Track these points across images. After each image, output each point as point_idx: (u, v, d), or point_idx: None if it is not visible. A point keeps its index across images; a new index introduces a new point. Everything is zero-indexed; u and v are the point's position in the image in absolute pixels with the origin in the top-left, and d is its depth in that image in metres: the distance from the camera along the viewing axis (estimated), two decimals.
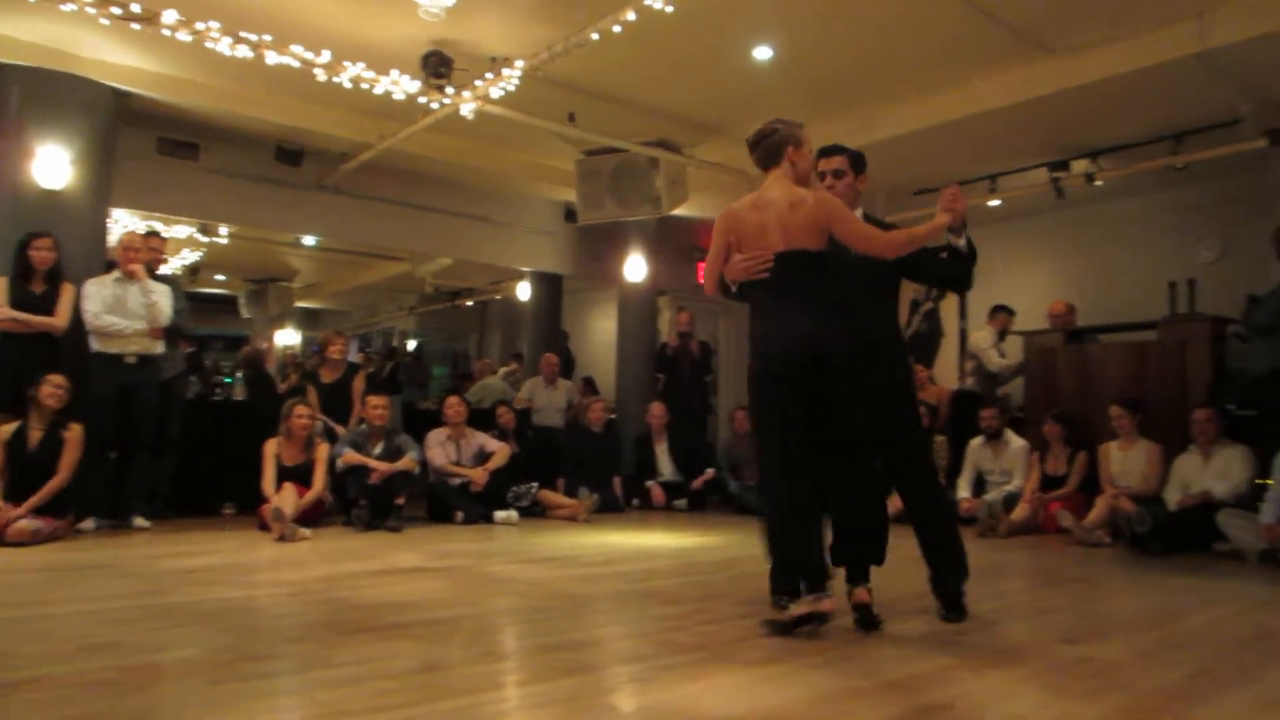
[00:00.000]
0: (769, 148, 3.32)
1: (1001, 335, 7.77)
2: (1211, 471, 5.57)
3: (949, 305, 9.68)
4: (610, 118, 6.94)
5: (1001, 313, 7.89)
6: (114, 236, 6.54)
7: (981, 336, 7.83)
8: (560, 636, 2.98)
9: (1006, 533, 6.04)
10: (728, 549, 5.44)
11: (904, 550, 5.55)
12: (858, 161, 3.54)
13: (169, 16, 5.05)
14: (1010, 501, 6.35)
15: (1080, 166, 7.22)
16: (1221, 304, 6.56)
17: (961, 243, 3.34)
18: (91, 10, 4.89)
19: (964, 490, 6.74)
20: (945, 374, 9.27)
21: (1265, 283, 5.91)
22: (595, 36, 5.23)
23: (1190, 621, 3.42)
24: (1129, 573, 4.73)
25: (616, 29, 5.13)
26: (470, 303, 14.34)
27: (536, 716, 2.13)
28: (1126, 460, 6.02)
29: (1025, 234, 8.99)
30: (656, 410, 8.28)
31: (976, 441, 6.85)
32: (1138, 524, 5.33)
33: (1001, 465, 6.70)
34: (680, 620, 3.26)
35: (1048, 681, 2.50)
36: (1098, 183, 7.19)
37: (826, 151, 3.52)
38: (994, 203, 7.99)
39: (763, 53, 5.96)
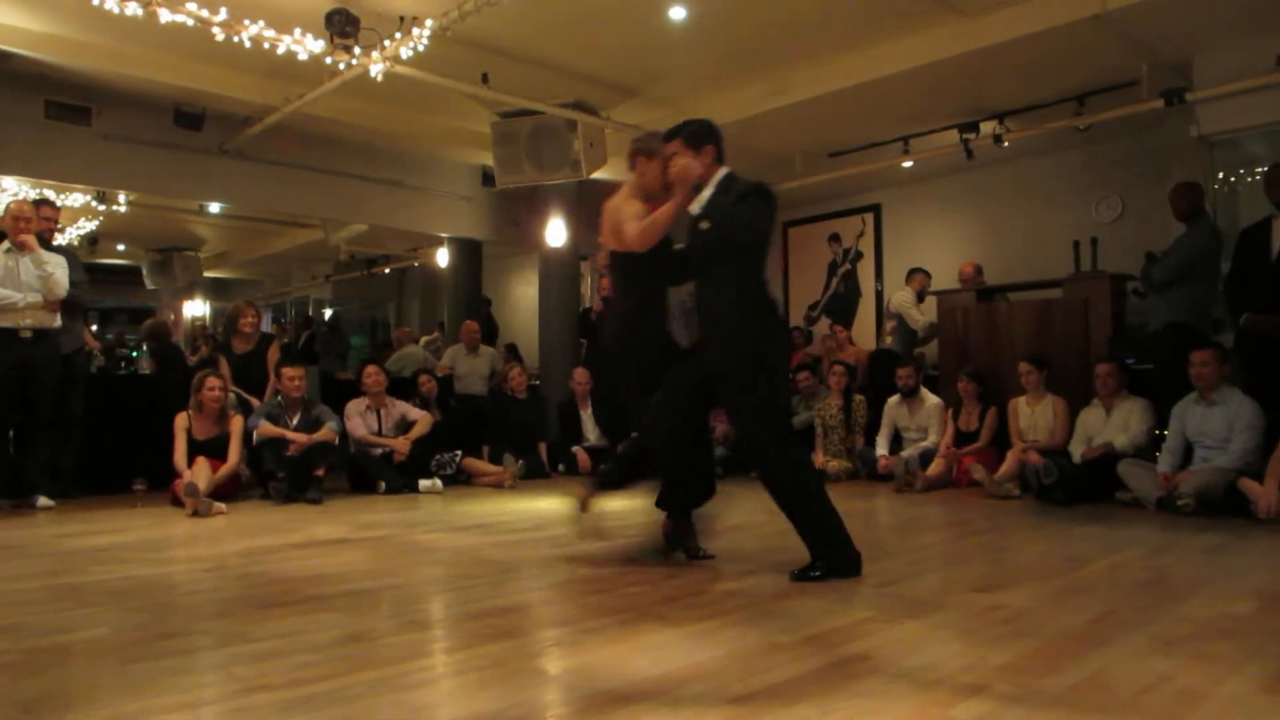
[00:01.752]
0: (628, 156, 3.67)
1: (920, 296, 7.97)
2: (1113, 424, 5.83)
3: (865, 267, 9.88)
4: (526, 79, 6.82)
5: (919, 273, 8.09)
6: (1, 205, 6.18)
7: (903, 297, 8.01)
8: (486, 603, 2.97)
9: (922, 488, 6.23)
10: (654, 512, 5.47)
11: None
12: (695, 137, 3.48)
13: None
14: (926, 458, 6.55)
15: (989, 128, 7.40)
16: (1121, 262, 6.83)
17: (695, 209, 3.41)
18: None
19: (882, 447, 6.92)
20: (863, 334, 9.48)
21: (1163, 241, 6.17)
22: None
23: (1093, 567, 3.59)
24: (1037, 523, 4.93)
25: None
26: (387, 270, 14.04)
27: (463, 683, 2.12)
28: (1034, 415, 6.26)
29: (937, 195, 9.21)
30: (580, 376, 8.25)
31: (893, 400, 7.03)
32: (1045, 476, 5.55)
33: (917, 422, 6.89)
34: (606, 583, 3.28)
35: (961, 630, 2.59)
36: (1005, 144, 7.39)
37: (665, 136, 3.57)
38: (907, 164, 8.15)
39: (677, 12, 5.92)
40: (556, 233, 9.16)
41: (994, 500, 5.77)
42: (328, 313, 15.35)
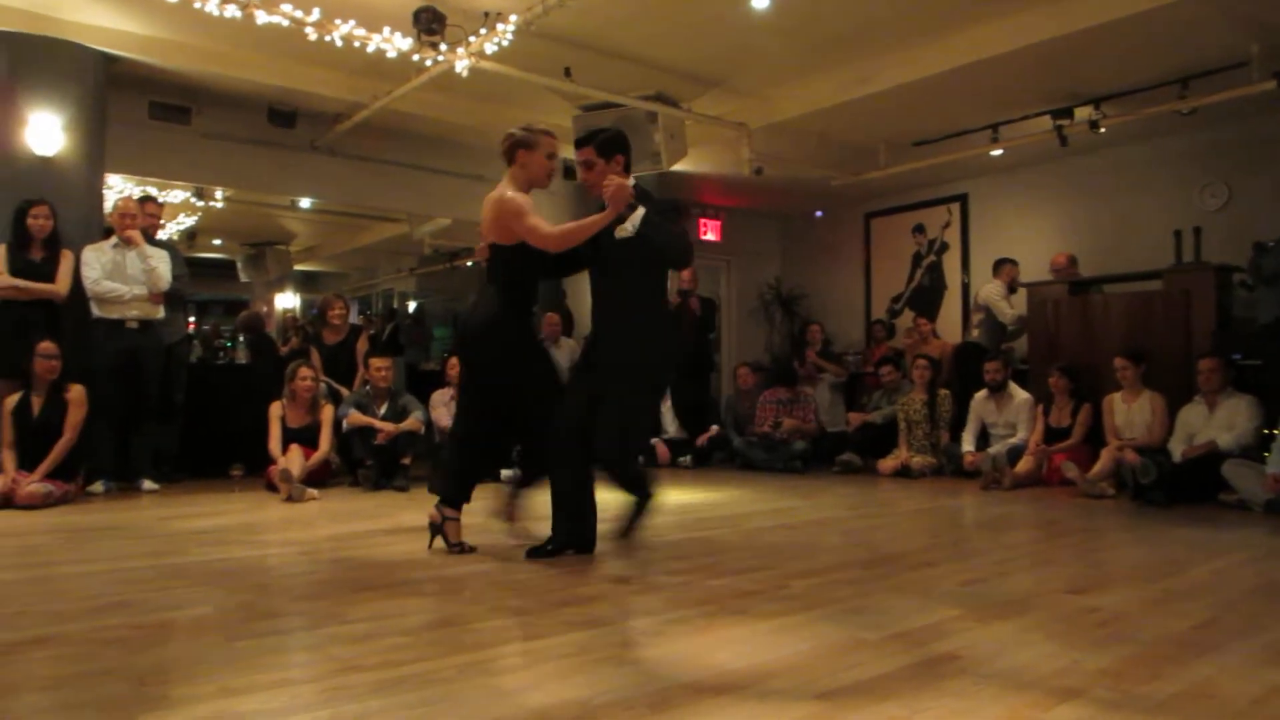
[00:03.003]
0: (504, 150, 3.65)
1: (1010, 288, 7.71)
2: (1217, 422, 5.57)
3: (951, 259, 9.65)
4: (607, 72, 6.84)
5: (1008, 264, 7.83)
6: (109, 202, 6.49)
7: (992, 289, 7.75)
8: (569, 592, 3.00)
9: (1011, 485, 6.07)
10: (734, 505, 5.47)
11: (908, 504, 5.61)
12: (606, 146, 3.57)
13: None
14: (1014, 454, 6.37)
15: (1084, 113, 7.12)
16: (1227, 252, 6.51)
17: (629, 229, 3.39)
18: None
19: (968, 443, 6.77)
20: (948, 328, 9.26)
21: (1272, 230, 5.87)
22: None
23: (1196, 572, 3.44)
24: (1134, 524, 4.75)
25: None
26: (469, 263, 14.25)
27: (549, 670, 2.14)
28: (1131, 412, 6.03)
29: (1027, 184, 8.92)
30: None
31: (980, 395, 6.86)
32: (1142, 475, 5.34)
33: (1005, 418, 6.71)
34: (688, 575, 3.28)
35: (1054, 631, 2.51)
36: (1102, 130, 7.10)
37: (578, 143, 3.62)
38: (996, 152, 7.91)
39: (760, 1, 5.85)
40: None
41: (1087, 500, 5.58)
42: (412, 305, 15.67)
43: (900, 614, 2.71)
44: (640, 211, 3.38)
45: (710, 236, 10.62)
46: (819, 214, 10.92)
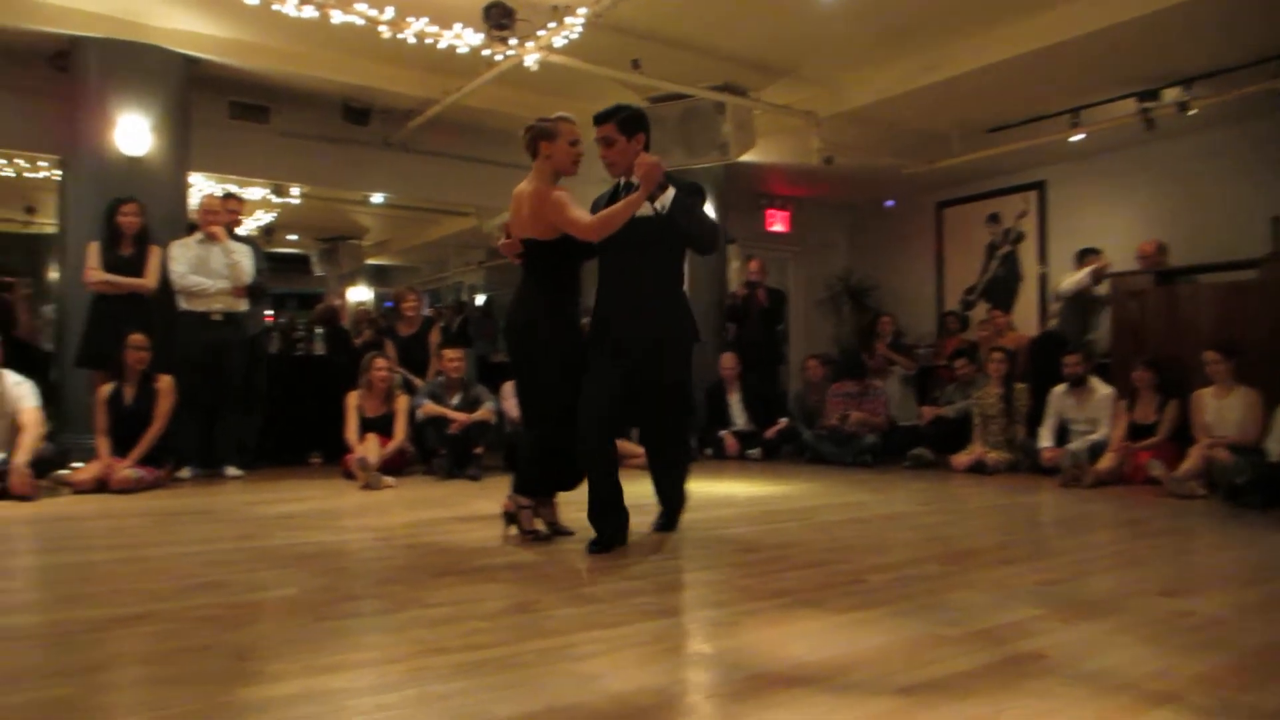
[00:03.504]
0: (527, 144, 3.59)
1: (1096, 278, 7.40)
2: None
3: (1027, 248, 9.41)
4: (675, 63, 6.83)
5: (1093, 254, 7.52)
6: (194, 200, 6.71)
7: (1077, 277, 7.45)
8: (642, 581, 3.01)
9: (1092, 483, 5.89)
10: (804, 498, 5.42)
11: (983, 500, 5.49)
12: (627, 124, 3.51)
13: None
14: (1095, 451, 6.18)
15: (1172, 95, 6.85)
16: None
17: (659, 206, 3.35)
18: None
19: (1046, 439, 6.58)
20: (1024, 319, 9.03)
21: None
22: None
23: None
24: (1226, 526, 4.57)
25: None
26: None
27: (627, 657, 2.16)
28: (1222, 408, 5.80)
29: (1110, 170, 8.64)
30: (727, 361, 8.25)
31: (1059, 389, 6.67)
32: (1236, 475, 5.12)
33: (1086, 414, 6.51)
34: (761, 567, 3.27)
35: (1145, 634, 2.43)
36: (1191, 112, 6.83)
37: (597, 119, 3.53)
38: (1077, 137, 7.67)
39: None
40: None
41: (1174, 500, 5.37)
42: (480, 298, 15.88)
43: (980, 611, 2.66)
44: (671, 192, 3.33)
45: (778, 227, 10.53)
46: (889, 204, 10.75)
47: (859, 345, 9.40)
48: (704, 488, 5.87)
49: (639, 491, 3.91)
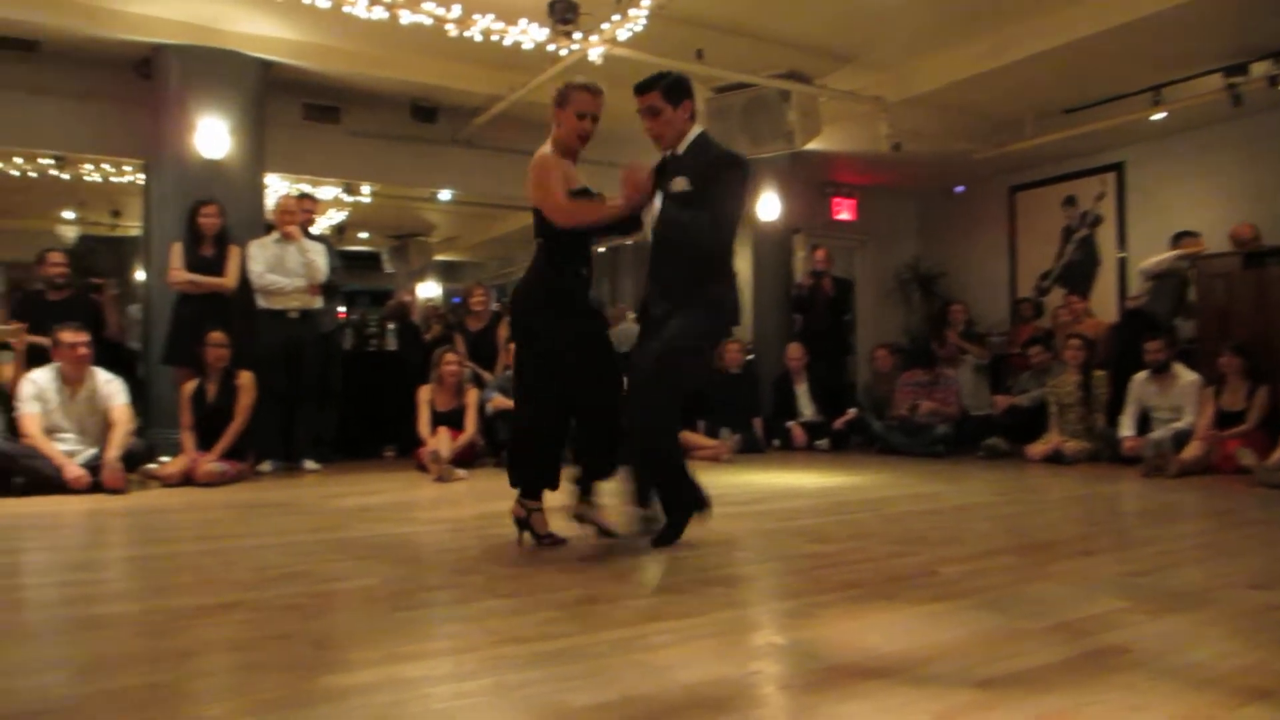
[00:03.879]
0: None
1: (1185, 260, 7.11)
2: None
3: (1105, 232, 9.12)
4: (739, 52, 6.77)
5: (1189, 238, 7.22)
6: (270, 200, 6.91)
7: (1167, 257, 7.19)
8: (714, 572, 3.01)
9: (1176, 473, 5.69)
10: (874, 489, 5.35)
11: (1060, 490, 5.36)
12: (672, 91, 3.22)
13: None
14: (1180, 439, 5.97)
15: (1261, 69, 6.55)
16: None
17: (647, 221, 3.15)
18: None
19: (1127, 428, 6.39)
20: (1102, 305, 8.76)
21: None
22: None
23: None
24: None
25: None
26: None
27: (700, 648, 2.16)
28: None
29: (1193, 149, 8.31)
30: (794, 351, 8.19)
31: (1140, 376, 6.45)
32: None
33: (1170, 401, 6.30)
34: (832, 558, 3.24)
35: (1234, 628, 2.34)
36: None
37: (638, 89, 3.26)
38: (1158, 116, 7.40)
39: None
40: (769, 206, 9.08)
41: (1265, 490, 5.16)
42: None
43: (1060, 603, 2.59)
44: (657, 207, 3.05)
45: (845, 216, 10.39)
46: (960, 189, 10.51)
47: (929, 334, 9.23)
48: (772, 479, 5.85)
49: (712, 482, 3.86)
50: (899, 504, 4.74)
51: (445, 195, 10.54)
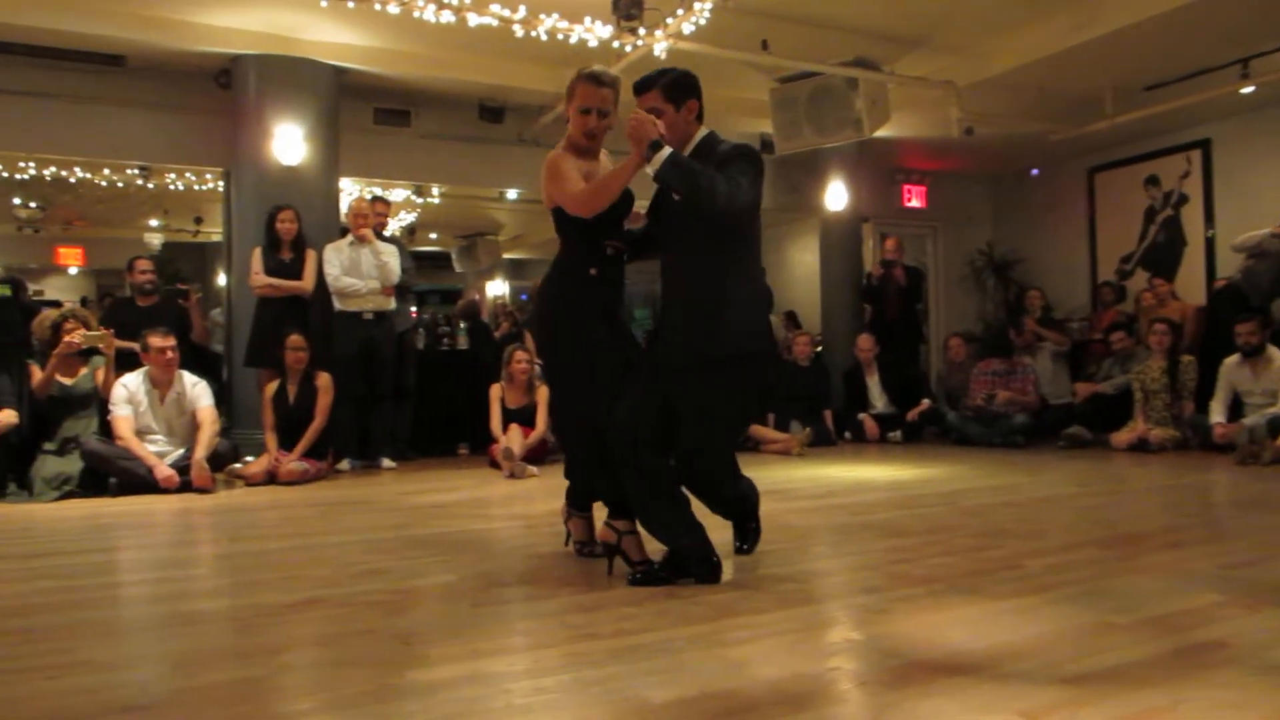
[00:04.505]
0: None
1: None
2: None
3: (1191, 211, 8.77)
4: (804, 41, 6.68)
5: None
6: (343, 204, 7.07)
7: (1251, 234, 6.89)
8: (790, 567, 2.99)
9: (1272, 459, 5.46)
10: (950, 481, 5.25)
11: (1147, 480, 5.18)
12: (674, 90, 2.89)
13: None
14: (1275, 425, 5.72)
15: None
16: None
17: (654, 168, 2.70)
18: None
19: (1218, 414, 6.15)
20: (1189, 288, 8.43)
21: None
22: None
23: None
24: None
25: None
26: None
27: (777, 644, 2.15)
28: None
29: None
30: (864, 343, 8.07)
31: (1232, 360, 6.20)
32: None
33: (1264, 385, 6.04)
34: (909, 553, 3.19)
35: None
36: None
37: (637, 88, 2.93)
38: (1247, 90, 7.08)
39: None
40: (836, 196, 8.96)
41: None
42: None
43: (1151, 597, 2.51)
44: (665, 153, 2.68)
45: (915, 203, 10.20)
46: (1035, 172, 10.22)
47: (1005, 322, 9.00)
48: (845, 472, 5.78)
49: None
50: (977, 496, 4.64)
51: (512, 194, 10.65)
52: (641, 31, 5.87)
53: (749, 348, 2.82)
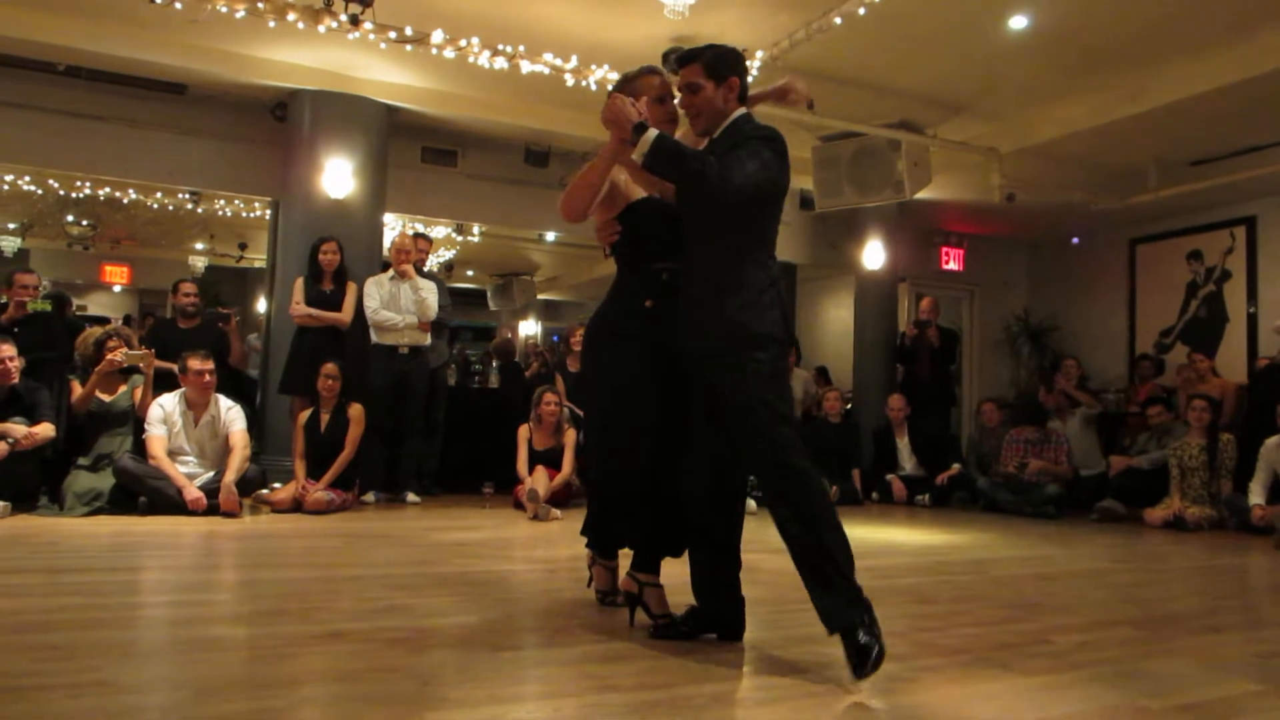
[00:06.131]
0: None
1: None
2: None
3: (1234, 287, 8.68)
4: (849, 101, 6.76)
5: None
6: (387, 239, 7.19)
7: None
8: (812, 629, 2.90)
9: None
10: (979, 549, 5.16)
11: (1183, 560, 5.07)
12: (717, 64, 2.63)
13: (437, 36, 5.47)
14: None
15: None
16: None
17: (640, 154, 2.45)
18: (373, 36, 5.37)
19: (1257, 495, 6.01)
20: (1230, 365, 8.30)
21: None
22: (838, 21, 5.11)
23: None
24: None
25: (861, 11, 4.99)
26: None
27: (797, 707, 2.11)
28: None
29: None
30: (895, 402, 8.01)
31: (1273, 440, 6.07)
32: None
33: None
34: (937, 621, 3.13)
35: None
36: None
37: (681, 59, 2.70)
38: None
39: (1018, 22, 5.58)
40: (874, 255, 8.97)
41: None
42: None
43: (1185, 683, 2.44)
44: (651, 135, 2.43)
45: (953, 265, 10.19)
46: (1076, 240, 10.18)
47: (1038, 388, 8.89)
48: (871, 533, 5.70)
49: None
50: (1007, 566, 4.56)
51: (550, 236, 10.79)
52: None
53: (756, 331, 2.52)
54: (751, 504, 6.52)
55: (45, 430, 5.12)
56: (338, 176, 6.70)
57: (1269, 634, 3.18)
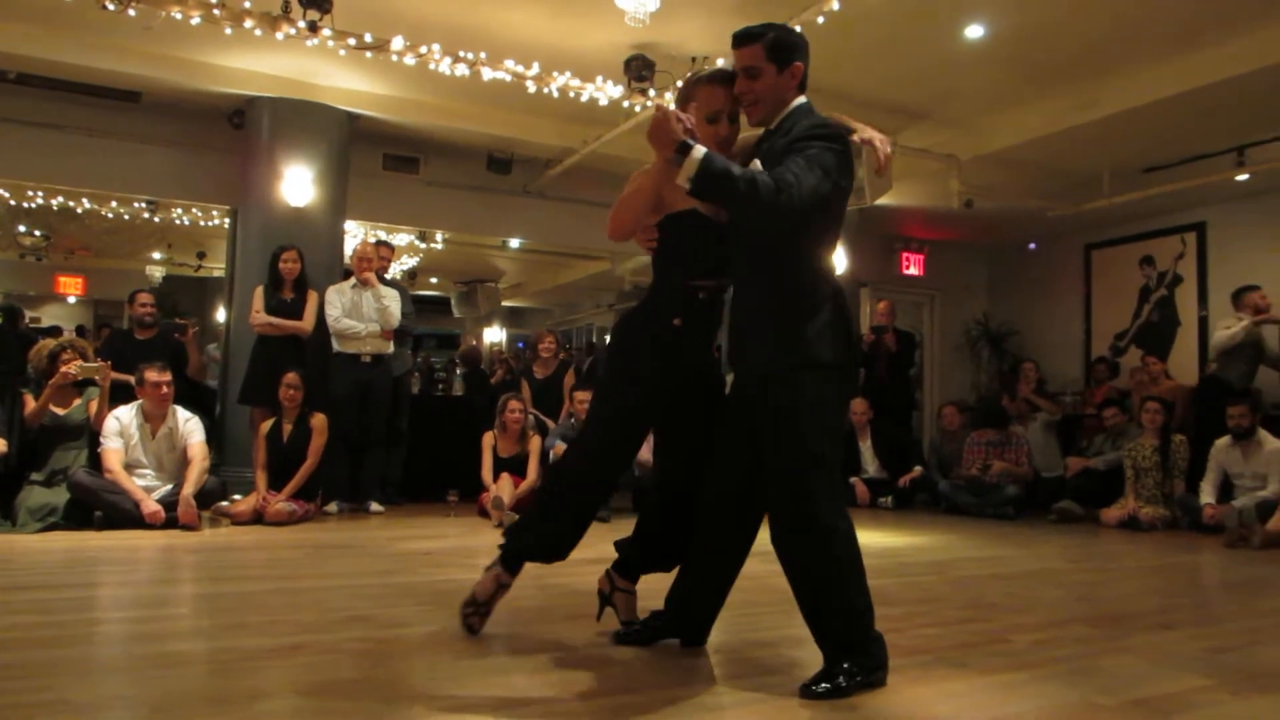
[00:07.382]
0: None
1: (1255, 326, 6.91)
2: None
3: (1185, 292, 8.88)
4: None
5: (1250, 291, 7.02)
6: (348, 246, 7.13)
7: (1229, 327, 7.01)
8: (775, 632, 2.96)
9: (1261, 544, 5.45)
10: (940, 550, 5.23)
11: (1137, 559, 5.17)
12: (779, 47, 2.40)
13: (397, 42, 5.44)
14: (1265, 509, 5.72)
15: None
16: None
17: (686, 178, 2.14)
18: (331, 43, 5.33)
19: (1207, 495, 6.15)
20: (1181, 368, 8.49)
21: None
22: (798, 29, 5.16)
23: None
24: None
25: (820, 20, 5.04)
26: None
27: (764, 710, 2.13)
28: None
29: (1278, 210, 8.07)
30: (858, 406, 8.08)
31: (1223, 442, 6.23)
32: None
33: (1253, 468, 6.06)
34: (898, 622, 3.16)
35: None
36: None
37: (738, 38, 2.45)
38: (1241, 177, 7.23)
39: (975, 31, 5.68)
40: (835, 261, 9.04)
41: None
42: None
43: (1137, 679, 2.50)
44: (698, 155, 2.12)
45: (913, 271, 10.32)
46: (1033, 246, 10.36)
47: (998, 391, 9.04)
48: None
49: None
50: (967, 567, 4.63)
51: (515, 243, 10.78)
52: (652, 92, 6.00)
53: (819, 357, 2.34)
54: None
55: None
56: (298, 184, 6.64)
57: (1218, 630, 3.26)
